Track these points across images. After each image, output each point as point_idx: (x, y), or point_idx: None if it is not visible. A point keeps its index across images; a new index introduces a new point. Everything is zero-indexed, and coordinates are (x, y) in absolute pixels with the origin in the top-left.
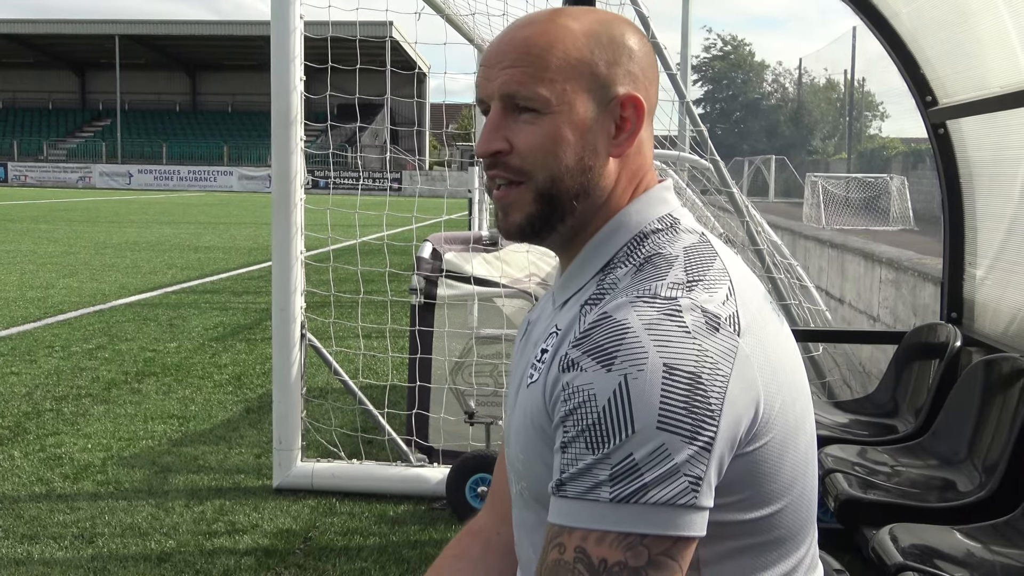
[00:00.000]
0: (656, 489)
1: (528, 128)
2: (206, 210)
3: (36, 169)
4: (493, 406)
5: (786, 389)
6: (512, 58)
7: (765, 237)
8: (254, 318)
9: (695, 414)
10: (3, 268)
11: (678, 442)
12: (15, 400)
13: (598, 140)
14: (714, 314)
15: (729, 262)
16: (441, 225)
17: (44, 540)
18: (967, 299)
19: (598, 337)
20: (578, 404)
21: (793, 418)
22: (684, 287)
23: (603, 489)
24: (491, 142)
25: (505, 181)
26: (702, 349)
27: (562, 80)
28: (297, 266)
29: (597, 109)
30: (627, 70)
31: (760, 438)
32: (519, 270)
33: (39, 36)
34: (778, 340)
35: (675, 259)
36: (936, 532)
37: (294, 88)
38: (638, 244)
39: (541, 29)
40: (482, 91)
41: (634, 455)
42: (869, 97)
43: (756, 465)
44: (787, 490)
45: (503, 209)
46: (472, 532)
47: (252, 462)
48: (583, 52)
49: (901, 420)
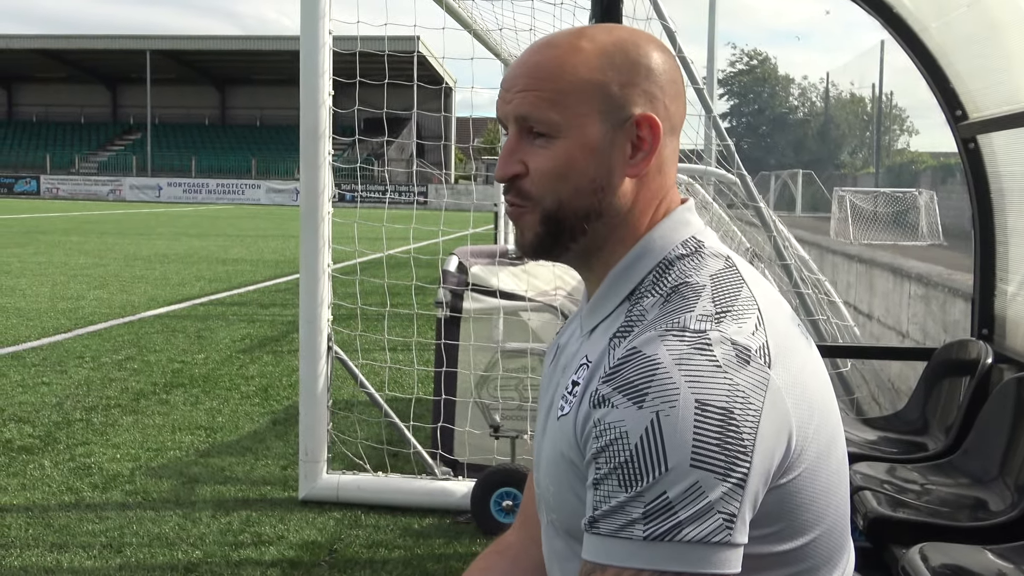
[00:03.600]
0: (690, 527)
1: (541, 152)
2: (234, 223)
3: (68, 182)
4: (518, 420)
5: (818, 415)
6: (525, 82)
7: (792, 252)
8: (281, 330)
9: (728, 450)
10: (35, 279)
11: (712, 479)
12: (45, 410)
13: (613, 161)
14: (744, 346)
15: (756, 288)
16: (468, 239)
17: (73, 549)
18: (998, 315)
19: (628, 373)
20: (610, 441)
21: (825, 443)
22: (713, 319)
23: (636, 527)
24: (508, 166)
25: (517, 204)
26: (733, 383)
27: (573, 104)
28: (324, 279)
29: (611, 130)
30: (643, 89)
31: (794, 469)
32: (546, 283)
33: (72, 51)
34: (807, 364)
35: (702, 288)
36: (967, 552)
37: (323, 103)
38: (664, 272)
39: (554, 53)
40: (500, 112)
41: (668, 493)
42: (897, 111)
43: (790, 496)
44: (821, 518)
45: (517, 228)
46: (501, 549)
47: (278, 473)
48: (594, 74)
49: (931, 438)
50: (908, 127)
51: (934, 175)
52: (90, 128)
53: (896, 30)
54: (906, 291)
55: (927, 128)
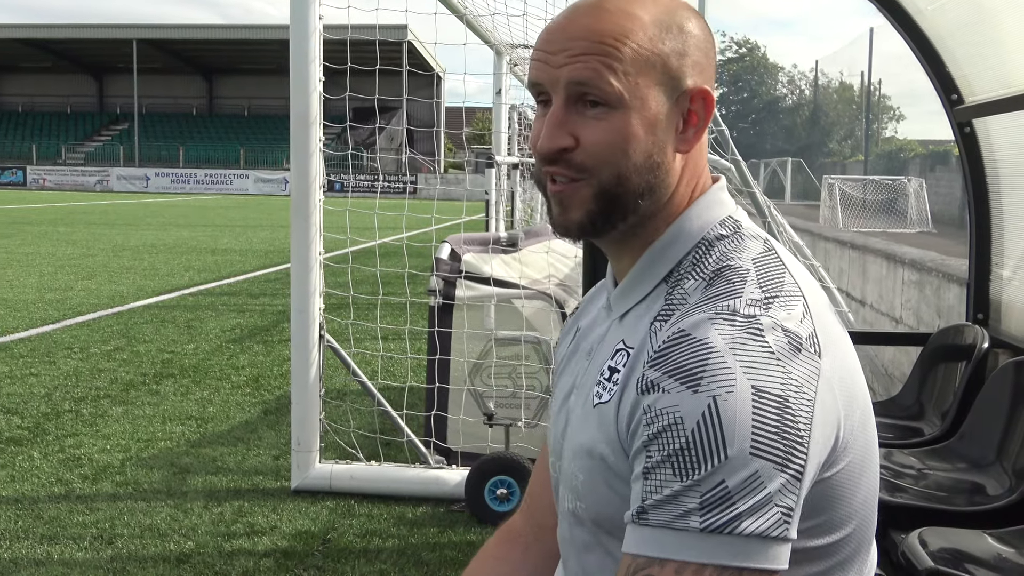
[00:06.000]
0: (750, 520)
1: (598, 124)
2: (223, 213)
3: (54, 172)
4: (512, 408)
5: (860, 406)
6: (583, 46)
7: (787, 238)
8: (271, 320)
9: (787, 440)
10: (22, 270)
11: (771, 469)
12: (34, 401)
13: (667, 136)
14: (795, 334)
15: (797, 274)
16: (461, 227)
17: (64, 541)
18: (994, 300)
19: (679, 356)
20: (663, 428)
21: (868, 437)
22: (762, 304)
23: (692, 518)
24: (556, 138)
25: (565, 179)
26: (787, 371)
27: (635, 73)
28: (316, 267)
29: (667, 103)
30: (695, 61)
31: (839, 462)
32: (538, 271)
33: (57, 41)
34: (848, 354)
35: (746, 272)
36: (966, 536)
37: (313, 89)
38: (705, 253)
39: (611, 18)
40: (542, 76)
41: (727, 482)
42: (886, 99)
43: (832, 490)
44: (858, 512)
45: (560, 204)
46: (510, 536)
47: (270, 463)
48: (655, 44)
49: (927, 423)
50: (896, 115)
51: (923, 162)
52: (76, 118)
53: (892, 14)
54: (899, 277)
55: (916, 116)
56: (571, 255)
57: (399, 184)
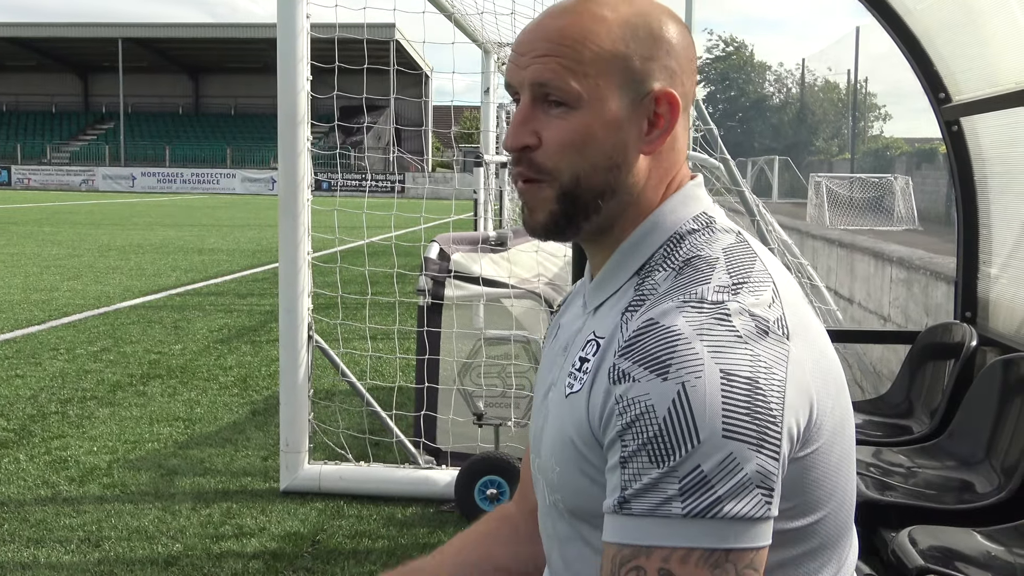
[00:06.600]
0: (731, 503)
1: (559, 123)
2: (209, 213)
3: (39, 172)
4: (502, 407)
5: (833, 389)
6: (545, 47)
7: (776, 236)
8: (259, 320)
9: (759, 420)
10: (7, 271)
11: (746, 450)
12: (20, 403)
13: (629, 137)
14: (763, 318)
15: (769, 262)
16: (450, 226)
17: (50, 544)
18: (982, 298)
19: (648, 345)
20: (636, 416)
21: (840, 418)
22: (730, 290)
23: (674, 504)
24: (520, 136)
25: (527, 179)
26: (755, 354)
27: (595, 74)
28: (304, 267)
29: (630, 105)
30: (664, 64)
31: (813, 443)
32: (527, 271)
33: (42, 39)
34: (819, 340)
35: (716, 261)
36: (956, 534)
37: (301, 88)
38: (675, 245)
39: (576, 20)
40: (512, 76)
41: (702, 466)
42: (872, 97)
43: (806, 471)
44: (831, 496)
45: (527, 206)
46: (503, 516)
47: (259, 465)
48: (618, 45)
49: (916, 421)
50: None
51: (909, 160)
52: (62, 117)
53: (881, 13)
54: (887, 275)
55: (902, 114)
56: (560, 254)
57: (387, 183)
